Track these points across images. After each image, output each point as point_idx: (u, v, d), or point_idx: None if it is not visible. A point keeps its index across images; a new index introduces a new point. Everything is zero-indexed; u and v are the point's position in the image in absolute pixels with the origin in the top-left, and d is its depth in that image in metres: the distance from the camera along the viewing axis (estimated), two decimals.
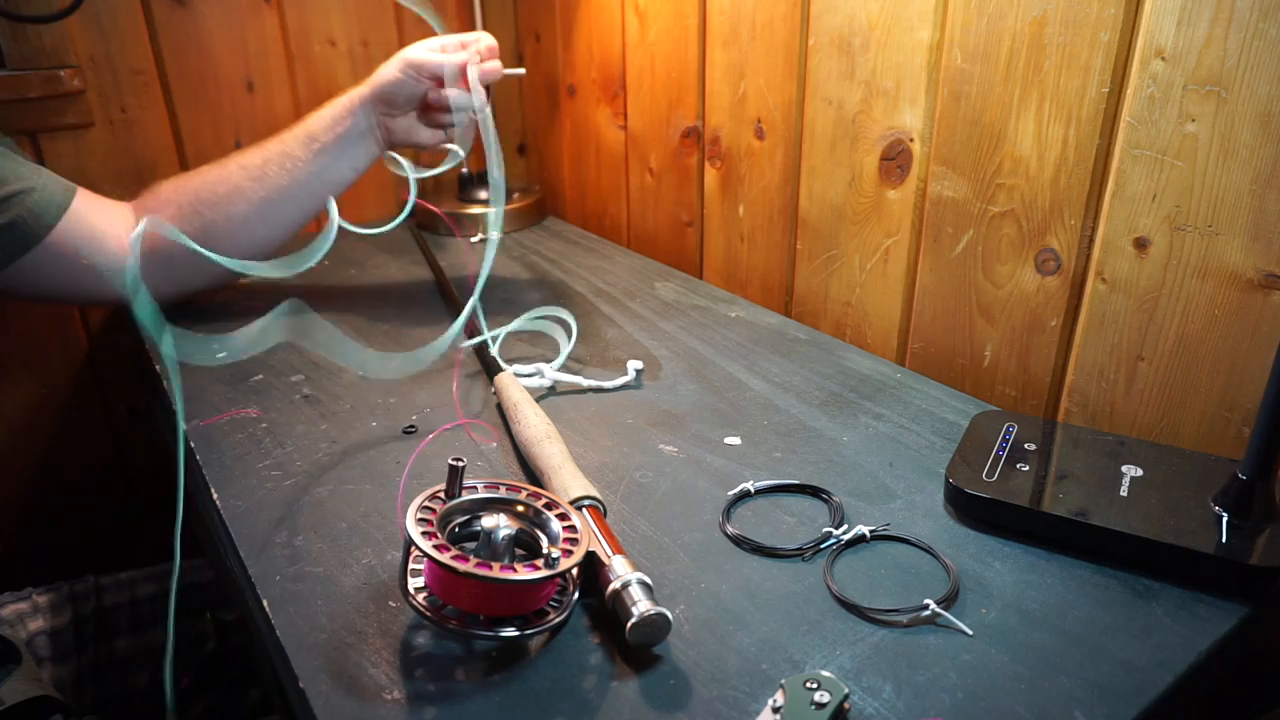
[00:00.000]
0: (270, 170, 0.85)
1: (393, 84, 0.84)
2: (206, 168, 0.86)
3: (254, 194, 0.85)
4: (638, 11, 1.02)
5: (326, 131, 0.86)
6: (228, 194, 0.84)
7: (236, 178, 0.85)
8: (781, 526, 0.58)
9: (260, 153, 0.86)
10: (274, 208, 0.85)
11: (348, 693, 0.45)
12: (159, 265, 0.85)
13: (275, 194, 0.85)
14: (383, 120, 0.87)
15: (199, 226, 0.84)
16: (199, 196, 0.84)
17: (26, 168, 0.77)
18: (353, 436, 0.68)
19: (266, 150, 0.86)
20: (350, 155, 0.87)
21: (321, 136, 0.86)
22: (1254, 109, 0.55)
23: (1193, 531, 0.52)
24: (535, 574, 0.45)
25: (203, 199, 0.84)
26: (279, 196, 0.85)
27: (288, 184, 0.85)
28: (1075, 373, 0.70)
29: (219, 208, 0.84)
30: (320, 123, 0.86)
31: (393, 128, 0.87)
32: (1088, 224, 0.66)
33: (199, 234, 0.84)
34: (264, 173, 0.85)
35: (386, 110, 0.86)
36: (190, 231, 0.84)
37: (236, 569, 0.57)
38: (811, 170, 0.87)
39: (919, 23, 0.73)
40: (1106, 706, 0.43)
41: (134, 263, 0.64)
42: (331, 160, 0.86)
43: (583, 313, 0.91)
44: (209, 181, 0.85)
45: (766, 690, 0.45)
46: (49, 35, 0.95)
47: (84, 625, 0.90)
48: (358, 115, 0.86)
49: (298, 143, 0.86)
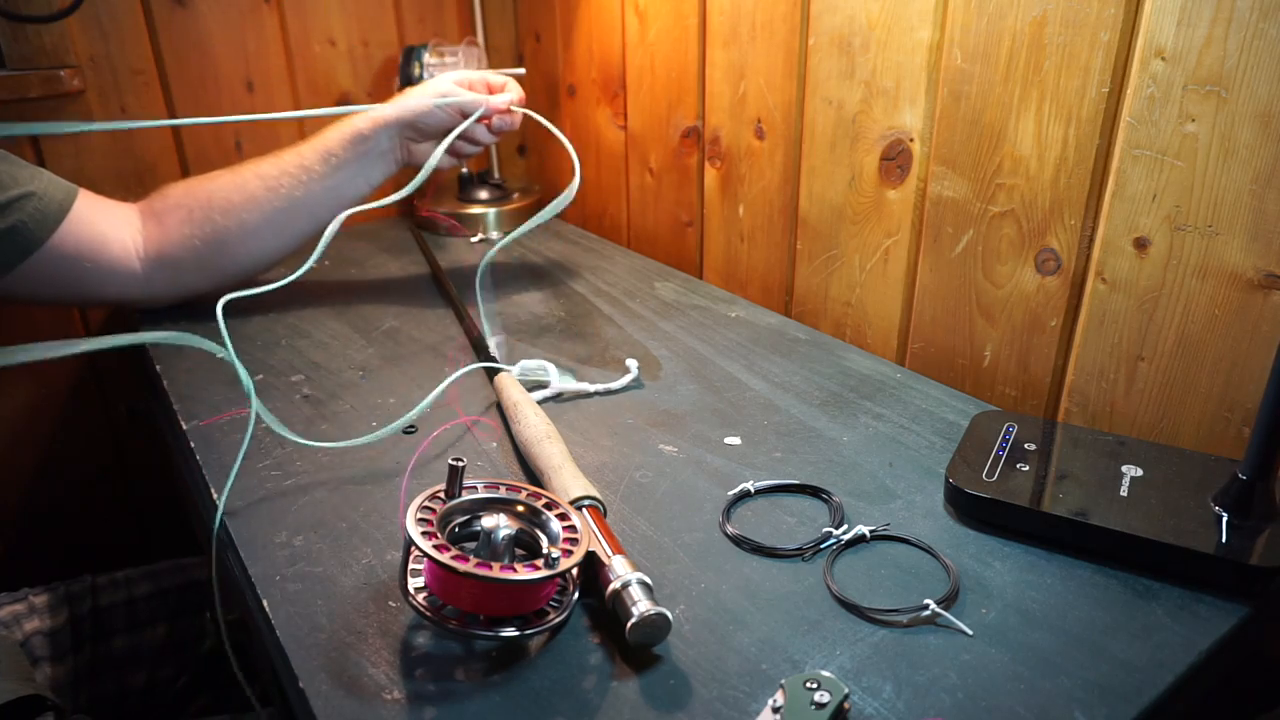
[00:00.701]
0: (286, 182, 0.85)
1: (426, 114, 0.87)
2: (220, 173, 0.87)
3: (268, 204, 0.85)
4: (638, 11, 1.02)
5: (346, 149, 0.87)
6: (242, 202, 0.85)
7: (252, 187, 0.85)
8: (781, 526, 0.58)
9: (277, 164, 0.86)
10: (286, 218, 0.86)
11: (348, 692, 0.45)
12: (162, 271, 0.85)
13: (289, 205, 0.86)
14: (406, 143, 0.89)
15: (209, 232, 0.84)
16: (212, 203, 0.85)
17: (26, 171, 0.77)
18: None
19: (284, 162, 0.86)
20: (367, 173, 0.88)
21: (340, 154, 0.87)
22: (1254, 109, 0.55)
23: (1193, 531, 0.52)
24: (535, 574, 0.45)
25: (216, 205, 0.84)
26: (292, 208, 0.86)
27: (302, 196, 0.86)
28: (1075, 373, 0.70)
29: (231, 215, 0.84)
30: (339, 140, 0.87)
31: (415, 151, 0.89)
32: (1088, 224, 0.66)
33: (209, 239, 0.84)
34: (279, 184, 0.85)
35: (413, 135, 0.88)
36: (199, 236, 0.84)
37: (236, 569, 0.57)
38: (811, 170, 0.87)
39: (919, 23, 0.73)
40: (1106, 706, 0.43)
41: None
42: (348, 177, 0.87)
43: (583, 313, 0.92)
44: (223, 188, 0.85)
45: (766, 690, 0.45)
46: (49, 35, 0.95)
47: (80, 625, 0.90)
48: (379, 136, 0.87)
49: (317, 157, 0.86)
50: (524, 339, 0.85)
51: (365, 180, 0.88)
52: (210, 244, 0.85)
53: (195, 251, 0.85)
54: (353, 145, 0.87)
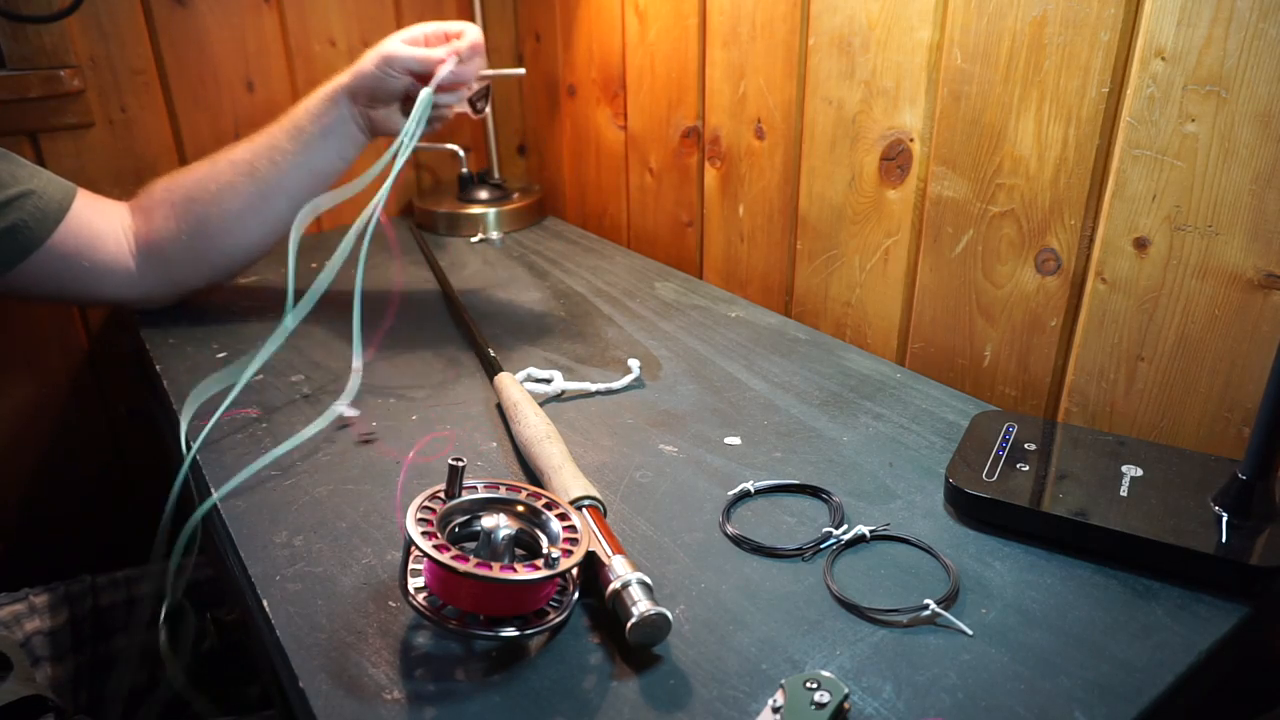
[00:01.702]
0: (260, 164, 0.84)
1: (369, 79, 0.82)
2: (197, 164, 0.86)
3: (245, 189, 0.84)
4: (638, 11, 1.02)
5: (312, 122, 0.84)
6: (219, 191, 0.83)
7: (227, 175, 0.84)
8: (781, 526, 0.58)
9: (250, 147, 0.85)
10: (264, 201, 0.84)
11: (348, 692, 0.45)
12: (154, 266, 0.85)
13: (266, 188, 0.84)
14: (364, 111, 0.85)
15: (193, 225, 0.83)
16: (190, 195, 0.84)
17: (25, 170, 0.77)
18: (352, 436, 0.68)
19: (255, 144, 0.85)
20: (338, 145, 0.85)
21: (308, 127, 0.84)
22: (1254, 109, 0.55)
23: (1193, 531, 0.52)
24: (535, 574, 0.45)
25: (195, 197, 0.84)
26: (268, 190, 0.84)
27: (278, 177, 0.84)
28: (1075, 373, 0.70)
29: (211, 205, 0.83)
30: (305, 114, 0.85)
31: (374, 118, 0.85)
32: (1088, 224, 0.66)
33: (194, 231, 0.84)
34: (254, 168, 0.84)
35: (367, 102, 0.84)
36: (185, 230, 0.84)
37: (236, 569, 0.57)
38: (811, 170, 0.87)
39: (919, 23, 0.73)
40: (1106, 706, 0.43)
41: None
42: (319, 151, 0.85)
43: (583, 313, 0.91)
44: (200, 179, 0.84)
45: (766, 690, 0.45)
46: (49, 35, 0.95)
47: (81, 625, 0.90)
48: (341, 105, 0.84)
49: (284, 134, 0.84)
50: (524, 339, 0.85)
51: (337, 153, 0.86)
52: (195, 235, 0.84)
53: (182, 244, 0.84)
54: (316, 119, 0.84)
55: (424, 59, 0.81)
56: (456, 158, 1.21)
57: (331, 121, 0.84)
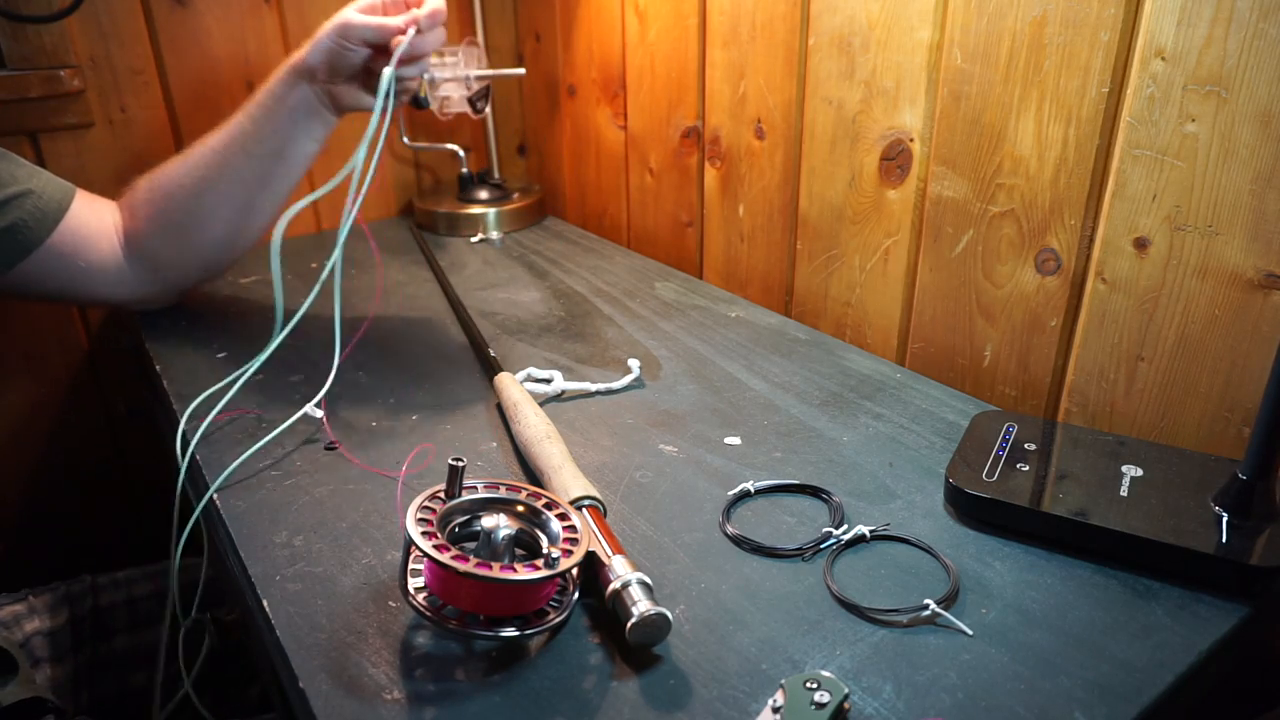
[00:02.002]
0: (232, 152, 0.81)
1: (325, 52, 0.78)
2: (173, 161, 0.84)
3: (219, 178, 0.82)
4: (638, 11, 1.02)
5: (277, 104, 0.80)
6: (194, 186, 0.82)
7: (201, 169, 0.82)
8: (781, 526, 0.58)
9: (224, 134, 0.82)
10: (240, 189, 0.83)
11: (348, 693, 0.45)
12: (142, 264, 0.84)
13: (239, 176, 0.82)
14: (326, 88, 0.81)
15: (176, 222, 0.83)
16: (168, 193, 0.83)
17: (24, 169, 0.77)
18: (352, 437, 0.68)
19: (228, 132, 0.82)
20: (306, 126, 0.82)
21: (273, 109, 0.81)
22: (1254, 109, 0.55)
23: (1193, 531, 0.52)
24: (535, 574, 0.45)
25: (173, 195, 0.82)
26: (242, 178, 0.82)
27: (248, 163, 0.82)
28: (1075, 373, 0.70)
29: (190, 200, 0.82)
30: (269, 95, 0.81)
31: (337, 94, 0.81)
32: (1088, 224, 0.66)
33: (176, 225, 0.83)
34: (227, 156, 0.81)
35: (327, 78, 0.80)
36: (168, 227, 0.83)
37: (236, 569, 0.57)
38: (811, 170, 0.87)
39: (919, 23, 0.73)
40: (1106, 706, 0.43)
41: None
42: (287, 135, 0.82)
43: (582, 313, 0.91)
44: (175, 176, 0.83)
45: (766, 690, 0.45)
46: (49, 35, 0.95)
47: (80, 625, 0.90)
48: (301, 83, 0.80)
49: (251, 121, 0.81)
50: (524, 339, 0.85)
51: (307, 135, 0.82)
52: (178, 229, 0.83)
53: (166, 240, 0.83)
54: (279, 100, 0.80)
55: (380, 27, 0.77)
56: (456, 158, 1.21)
57: (295, 103, 0.81)
